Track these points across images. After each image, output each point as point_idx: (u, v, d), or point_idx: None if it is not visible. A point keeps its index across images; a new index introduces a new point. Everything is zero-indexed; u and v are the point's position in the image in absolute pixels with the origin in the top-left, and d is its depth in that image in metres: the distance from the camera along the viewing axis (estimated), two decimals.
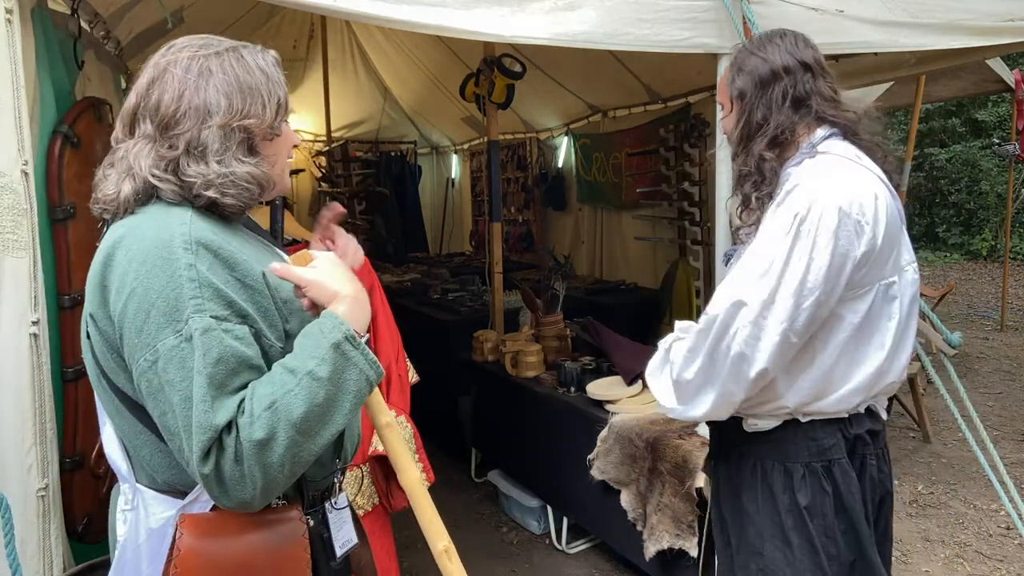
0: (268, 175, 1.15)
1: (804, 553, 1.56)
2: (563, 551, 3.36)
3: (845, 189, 1.48)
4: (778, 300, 1.45)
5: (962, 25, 2.60)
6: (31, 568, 1.61)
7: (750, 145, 1.62)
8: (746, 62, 1.64)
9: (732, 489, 1.71)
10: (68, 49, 2.10)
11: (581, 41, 2.23)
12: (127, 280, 1.01)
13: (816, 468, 1.57)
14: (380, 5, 1.97)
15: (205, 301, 1.00)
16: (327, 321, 1.06)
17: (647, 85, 5.09)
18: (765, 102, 1.60)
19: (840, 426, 1.59)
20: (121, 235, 1.06)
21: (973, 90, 5.94)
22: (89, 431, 1.89)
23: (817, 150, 1.58)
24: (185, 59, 1.12)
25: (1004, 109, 12.43)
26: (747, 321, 1.46)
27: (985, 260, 12.50)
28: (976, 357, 6.58)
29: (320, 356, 1.02)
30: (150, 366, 1.00)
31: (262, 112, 1.13)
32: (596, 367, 3.42)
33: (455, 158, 8.68)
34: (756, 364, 1.47)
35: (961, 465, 4.20)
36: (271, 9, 4.71)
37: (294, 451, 0.99)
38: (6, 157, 1.60)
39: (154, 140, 1.10)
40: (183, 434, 0.99)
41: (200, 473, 0.98)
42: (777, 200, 1.54)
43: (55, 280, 1.82)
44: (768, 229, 1.51)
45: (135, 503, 1.13)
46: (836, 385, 1.56)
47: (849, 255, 1.46)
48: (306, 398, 0.99)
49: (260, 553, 1.08)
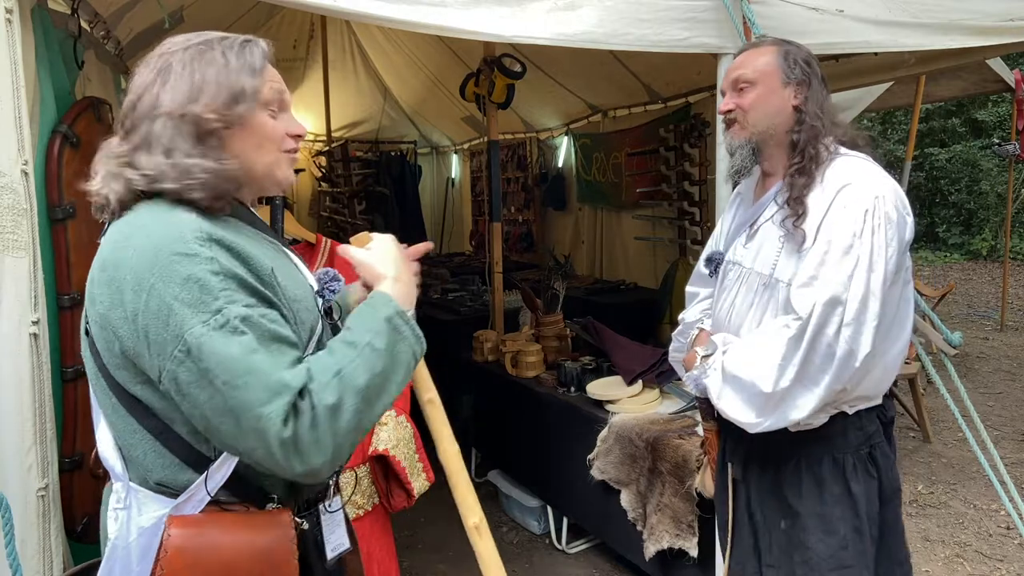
0: (227, 168, 1.11)
1: (850, 541, 1.62)
2: (563, 551, 3.36)
3: (889, 185, 1.60)
4: (871, 296, 1.53)
5: (962, 25, 2.59)
6: (31, 568, 1.61)
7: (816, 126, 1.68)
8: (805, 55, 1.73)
9: (766, 489, 1.74)
10: (68, 49, 2.10)
11: (581, 41, 2.23)
12: (144, 277, 1.00)
13: (863, 455, 1.66)
14: (380, 5, 1.97)
15: (234, 292, 1.01)
16: (377, 298, 1.13)
17: (647, 85, 5.09)
18: (819, 96, 1.71)
19: (878, 411, 1.69)
20: (127, 233, 1.05)
21: (973, 90, 5.94)
22: (88, 431, 1.89)
23: (840, 151, 1.69)
24: (155, 58, 1.12)
25: (1004, 109, 12.44)
26: (850, 319, 1.52)
27: (985, 260, 12.50)
28: (976, 357, 6.57)
29: (376, 329, 1.08)
30: (185, 356, 0.98)
31: (210, 100, 1.09)
32: (596, 367, 3.42)
33: (455, 158, 8.68)
34: (860, 356, 1.53)
35: (961, 465, 4.20)
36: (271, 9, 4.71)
37: (359, 418, 1.03)
38: (6, 157, 1.60)
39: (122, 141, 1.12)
40: (238, 412, 0.97)
41: (279, 438, 0.97)
42: (825, 196, 1.61)
43: (55, 280, 1.81)
44: (841, 226, 1.56)
45: (128, 502, 1.13)
46: (878, 369, 1.62)
47: (903, 244, 1.60)
48: (367, 367, 1.04)
49: (246, 555, 1.08)
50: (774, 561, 1.71)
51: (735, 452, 1.83)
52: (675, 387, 3.12)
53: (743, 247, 1.81)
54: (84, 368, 1.10)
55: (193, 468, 1.09)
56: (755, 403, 1.59)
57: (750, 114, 1.72)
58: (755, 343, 1.63)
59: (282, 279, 1.12)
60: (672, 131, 4.95)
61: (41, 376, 1.67)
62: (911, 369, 4.36)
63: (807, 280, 1.57)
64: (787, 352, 1.55)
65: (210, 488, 1.09)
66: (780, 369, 1.55)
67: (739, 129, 1.75)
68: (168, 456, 1.09)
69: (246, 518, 1.11)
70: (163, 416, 1.08)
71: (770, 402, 1.57)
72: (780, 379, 1.55)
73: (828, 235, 1.57)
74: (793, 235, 1.64)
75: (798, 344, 1.53)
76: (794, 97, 1.70)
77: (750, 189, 1.88)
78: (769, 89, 1.71)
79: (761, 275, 1.71)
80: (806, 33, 2.39)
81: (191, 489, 1.09)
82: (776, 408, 1.57)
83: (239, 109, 1.11)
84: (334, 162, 7.10)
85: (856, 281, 1.52)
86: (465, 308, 4.88)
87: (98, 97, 2.20)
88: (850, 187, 1.58)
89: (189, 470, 1.10)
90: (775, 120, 1.71)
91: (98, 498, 1.90)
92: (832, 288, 1.52)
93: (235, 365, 0.97)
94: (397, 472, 2.16)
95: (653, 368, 3.19)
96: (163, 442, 1.09)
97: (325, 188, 7.30)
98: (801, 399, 1.55)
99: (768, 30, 2.32)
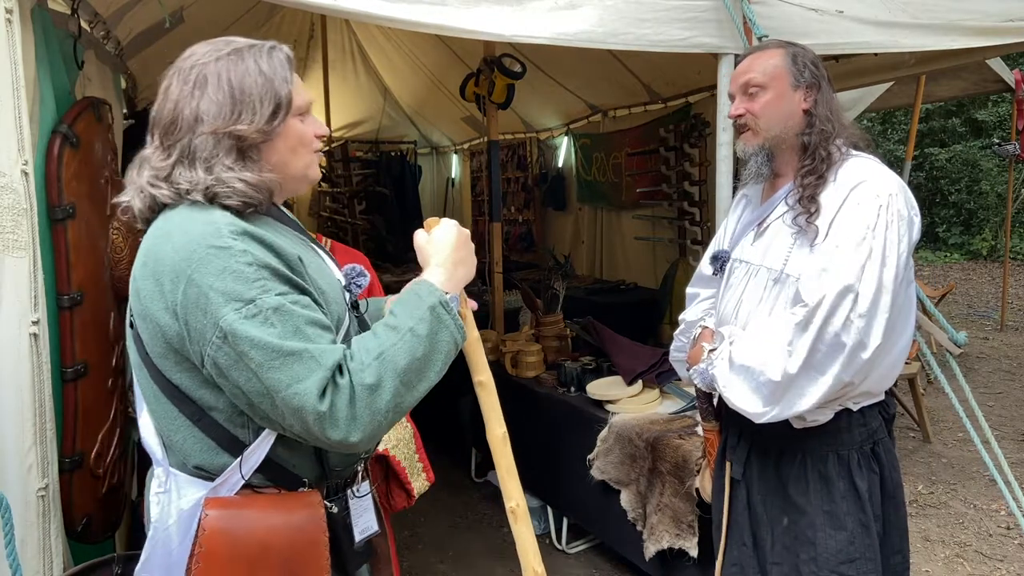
0: (265, 179, 1.16)
1: (857, 536, 1.64)
2: (563, 551, 3.36)
3: (899, 184, 1.62)
4: (883, 290, 1.54)
5: (962, 25, 2.59)
6: (31, 568, 1.61)
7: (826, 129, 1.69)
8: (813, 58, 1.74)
9: (769, 487, 1.74)
10: (68, 49, 2.09)
11: (581, 41, 2.23)
12: (182, 269, 1.06)
13: (867, 451, 1.68)
14: (380, 5, 1.97)
15: (267, 281, 1.06)
16: (423, 287, 1.18)
17: (647, 85, 5.09)
18: (828, 98, 1.72)
19: (880, 408, 1.70)
20: (167, 230, 1.11)
21: (973, 90, 5.94)
22: (88, 431, 1.89)
23: (851, 152, 1.70)
24: (187, 67, 1.16)
25: (1004, 109, 12.43)
26: (863, 311, 1.52)
27: (985, 260, 12.49)
28: (976, 357, 6.58)
29: (419, 316, 1.13)
30: (222, 342, 1.04)
31: (253, 117, 1.14)
32: (596, 367, 3.42)
33: (455, 158, 8.68)
34: (870, 348, 1.53)
35: (961, 465, 4.20)
36: (271, 9, 4.71)
37: (397, 400, 1.08)
38: (6, 157, 1.60)
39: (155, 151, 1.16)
40: (273, 392, 1.03)
41: (316, 412, 1.02)
42: (839, 193, 1.62)
43: (55, 280, 1.81)
44: (854, 221, 1.57)
45: (168, 486, 1.19)
46: (882, 365, 1.63)
47: (912, 241, 1.62)
48: (408, 351, 1.09)
49: (280, 534, 1.13)
50: (778, 558, 1.71)
51: (735, 451, 1.83)
52: (675, 387, 3.12)
53: (750, 245, 1.81)
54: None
55: (229, 452, 1.15)
56: (762, 392, 1.59)
57: (761, 119, 1.72)
58: (763, 332, 1.63)
59: (311, 270, 1.17)
60: (672, 131, 4.95)
61: (41, 376, 1.67)
62: (911, 369, 4.36)
63: (817, 272, 1.58)
64: (793, 338, 1.55)
65: (244, 471, 1.15)
66: (786, 355, 1.55)
67: (752, 135, 1.74)
68: (205, 440, 1.15)
69: (279, 499, 1.17)
70: (201, 403, 1.14)
71: (777, 390, 1.57)
72: (787, 365, 1.55)
73: (841, 229, 1.59)
74: (806, 231, 1.64)
75: (804, 330, 1.54)
76: (804, 100, 1.71)
77: (757, 190, 1.88)
78: (779, 93, 1.71)
79: (772, 270, 1.71)
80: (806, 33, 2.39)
81: (226, 473, 1.15)
82: (783, 397, 1.57)
83: (277, 122, 1.17)
84: (334, 162, 7.10)
85: (869, 273, 1.53)
86: None
87: (98, 97, 2.20)
88: (864, 184, 1.60)
89: (225, 454, 1.15)
90: (787, 124, 1.71)
91: (98, 498, 1.90)
92: (844, 278, 1.53)
93: (267, 348, 1.03)
94: (397, 472, 2.16)
95: (653, 368, 3.19)
96: (201, 427, 1.15)
97: (325, 188, 7.29)
98: (809, 388, 1.55)
99: (768, 30, 2.32)
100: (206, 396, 1.13)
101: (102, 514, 1.94)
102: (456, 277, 1.24)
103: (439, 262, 1.24)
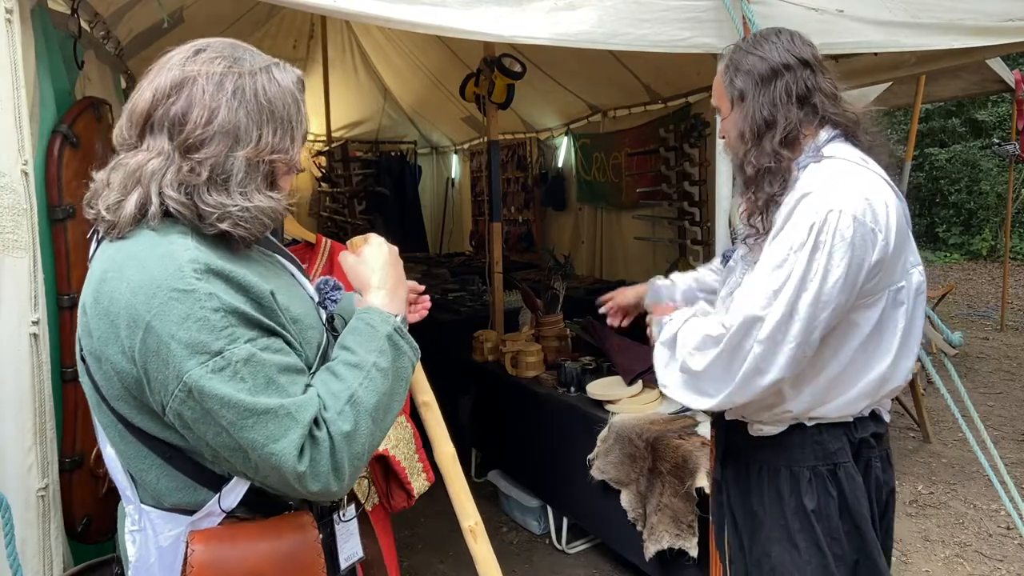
0: (281, 210, 1.11)
1: (811, 555, 1.56)
2: (563, 551, 3.36)
3: (858, 197, 1.43)
4: (794, 317, 1.42)
5: (962, 25, 2.59)
6: (31, 568, 1.61)
7: (761, 143, 1.55)
8: (743, 61, 1.59)
9: (740, 492, 1.71)
10: (68, 49, 2.09)
11: (581, 41, 2.23)
12: (140, 314, 0.96)
13: (821, 471, 1.57)
14: (380, 5, 1.97)
15: (235, 328, 0.97)
16: (374, 315, 1.12)
17: (647, 85, 5.09)
18: (769, 100, 1.55)
19: (845, 430, 1.59)
20: (119, 263, 1.00)
21: (973, 90, 5.94)
22: (88, 431, 1.89)
23: (823, 154, 1.54)
24: (218, 74, 1.05)
25: (1004, 109, 12.43)
26: (763, 337, 1.43)
27: (985, 260, 12.50)
28: (976, 357, 6.58)
29: (378, 348, 1.08)
30: (187, 396, 0.96)
31: (290, 146, 1.11)
32: (596, 367, 3.42)
33: (455, 158, 8.68)
34: (769, 376, 1.45)
35: (961, 465, 4.20)
36: (271, 9, 4.71)
37: (371, 440, 1.05)
38: (6, 157, 1.60)
39: (170, 157, 1.03)
40: (247, 449, 0.97)
41: (295, 472, 0.97)
42: (787, 207, 1.49)
43: (55, 280, 1.81)
44: (783, 240, 1.46)
45: (142, 524, 1.12)
46: (843, 391, 1.55)
47: (864, 264, 1.43)
48: (375, 389, 1.06)
49: (272, 561, 1.07)
50: (754, 562, 1.69)
51: (716, 453, 1.84)
52: None
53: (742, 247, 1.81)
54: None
55: (207, 487, 1.08)
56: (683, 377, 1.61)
57: (727, 140, 1.67)
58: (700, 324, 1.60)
59: (283, 300, 1.09)
60: (672, 131, 4.95)
61: (41, 376, 1.67)
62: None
63: (744, 290, 1.53)
64: (703, 343, 1.53)
65: (224, 507, 1.08)
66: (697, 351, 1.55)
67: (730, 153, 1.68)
68: (180, 478, 1.07)
69: (268, 525, 1.10)
70: (170, 441, 1.06)
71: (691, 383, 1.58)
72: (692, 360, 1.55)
73: (769, 247, 1.49)
74: (752, 251, 1.62)
75: (716, 344, 1.50)
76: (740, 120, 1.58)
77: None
78: (726, 113, 1.63)
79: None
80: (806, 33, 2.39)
81: (208, 506, 1.08)
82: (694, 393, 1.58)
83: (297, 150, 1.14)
84: (334, 162, 7.10)
85: (780, 299, 1.42)
86: (465, 308, 4.88)
87: (98, 97, 2.20)
88: (807, 198, 1.45)
89: (204, 489, 1.08)
90: (737, 147, 1.62)
91: (98, 498, 1.90)
92: (750, 308, 1.45)
93: (239, 406, 0.95)
94: (397, 472, 2.16)
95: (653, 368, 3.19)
96: (174, 465, 1.07)
97: (325, 188, 7.30)
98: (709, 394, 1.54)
99: None
100: (173, 437, 1.05)
101: (102, 514, 1.94)
102: (398, 297, 1.19)
103: (378, 284, 1.18)
